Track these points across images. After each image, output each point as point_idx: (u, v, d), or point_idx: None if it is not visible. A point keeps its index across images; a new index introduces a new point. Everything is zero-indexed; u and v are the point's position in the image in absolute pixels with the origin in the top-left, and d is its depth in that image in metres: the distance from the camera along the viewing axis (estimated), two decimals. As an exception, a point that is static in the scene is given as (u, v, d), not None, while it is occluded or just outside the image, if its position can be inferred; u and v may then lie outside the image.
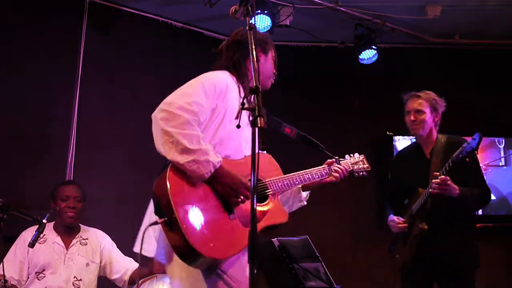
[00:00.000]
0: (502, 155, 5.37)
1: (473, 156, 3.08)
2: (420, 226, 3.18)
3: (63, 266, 3.40)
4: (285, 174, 2.47)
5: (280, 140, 2.66)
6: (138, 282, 3.35)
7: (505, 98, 5.41)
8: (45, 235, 3.35)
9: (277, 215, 2.35)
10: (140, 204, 2.37)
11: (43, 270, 3.36)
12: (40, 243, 3.30)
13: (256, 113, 1.75)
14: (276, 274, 3.66)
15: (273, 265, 3.61)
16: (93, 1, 4.69)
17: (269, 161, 2.44)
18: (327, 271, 3.47)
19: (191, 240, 1.97)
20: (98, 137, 4.54)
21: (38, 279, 3.34)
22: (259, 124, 1.74)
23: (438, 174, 3.08)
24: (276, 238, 3.50)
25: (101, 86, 4.68)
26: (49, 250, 3.41)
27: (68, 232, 3.53)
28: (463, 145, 3.04)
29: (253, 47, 1.94)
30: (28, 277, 3.36)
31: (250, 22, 1.98)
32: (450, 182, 3.05)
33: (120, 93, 4.74)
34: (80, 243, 3.52)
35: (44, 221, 3.06)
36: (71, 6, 4.60)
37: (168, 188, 2.02)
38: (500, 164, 5.37)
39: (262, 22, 4.53)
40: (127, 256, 3.61)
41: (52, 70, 4.38)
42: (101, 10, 4.72)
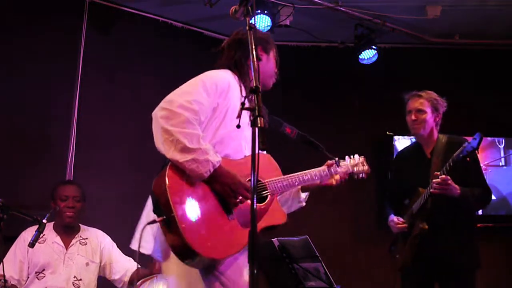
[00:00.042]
0: (502, 155, 5.36)
1: (473, 156, 3.08)
2: (421, 226, 3.18)
3: (63, 265, 3.40)
4: (284, 174, 2.45)
5: (280, 140, 2.66)
6: (138, 282, 3.35)
7: (505, 98, 5.41)
8: (44, 235, 3.34)
9: (276, 216, 2.34)
10: (140, 204, 2.36)
11: (43, 270, 3.36)
12: (40, 243, 3.29)
13: (256, 113, 1.75)
14: (276, 274, 3.66)
15: (273, 265, 3.61)
16: (93, 1, 4.68)
17: (269, 161, 2.43)
18: (327, 271, 3.47)
19: (189, 239, 1.96)
20: (98, 137, 4.54)
21: (38, 279, 3.34)
22: (259, 124, 1.73)
23: (438, 174, 3.08)
24: (276, 238, 3.50)
25: (101, 86, 4.68)
26: (49, 250, 3.41)
27: (68, 232, 3.53)
28: (463, 145, 3.03)
29: (253, 47, 1.93)
30: (28, 277, 3.36)
31: (250, 22, 1.98)
32: (450, 181, 3.04)
33: (120, 93, 4.74)
34: (80, 243, 3.52)
35: (44, 221, 3.06)
36: (71, 6, 4.60)
37: (167, 186, 2.01)
38: (500, 164, 5.36)
39: (262, 22, 4.53)
40: (127, 256, 3.61)
41: (52, 70, 4.38)
42: (101, 10, 4.72)
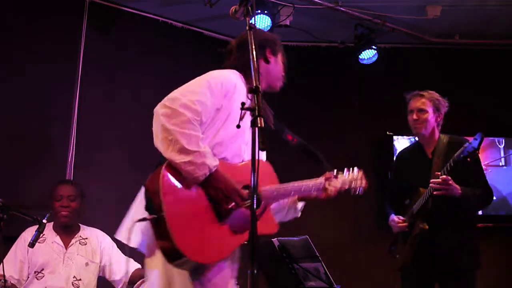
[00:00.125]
0: (502, 155, 5.36)
1: (474, 156, 3.07)
2: (421, 226, 3.18)
3: (62, 265, 3.39)
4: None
5: (280, 140, 2.66)
6: (137, 283, 3.35)
7: (505, 98, 5.41)
8: (44, 234, 3.34)
9: (267, 225, 2.30)
10: (140, 204, 2.35)
11: (42, 269, 3.36)
12: (39, 243, 3.29)
13: (256, 113, 1.74)
14: (276, 274, 3.66)
15: (273, 265, 3.61)
16: (93, 1, 4.68)
17: (267, 169, 2.38)
18: (327, 271, 3.47)
19: (177, 240, 1.94)
20: (98, 137, 4.54)
21: (37, 279, 3.34)
22: (259, 124, 1.73)
23: (439, 174, 3.07)
24: (276, 238, 3.50)
25: (101, 86, 4.67)
26: (48, 250, 3.41)
27: (67, 231, 3.53)
28: (464, 145, 3.03)
29: (253, 47, 1.92)
30: (28, 277, 3.36)
31: (250, 22, 1.97)
32: (451, 182, 3.04)
33: (120, 93, 4.74)
34: (80, 243, 3.52)
35: (44, 221, 3.06)
36: (71, 6, 4.59)
37: (161, 185, 1.99)
38: (500, 164, 5.36)
39: (262, 22, 4.53)
40: (128, 256, 3.60)
41: (52, 70, 4.38)
42: (101, 10, 4.72)
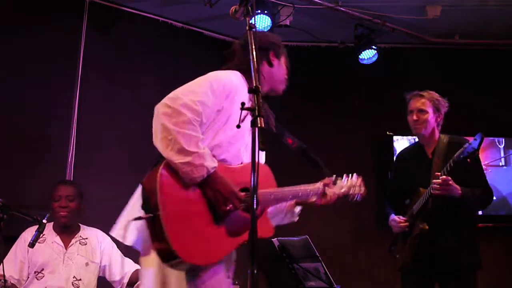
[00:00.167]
0: (502, 155, 5.36)
1: (474, 156, 3.06)
2: (421, 226, 3.17)
3: (62, 265, 3.39)
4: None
5: (280, 142, 2.65)
6: (137, 283, 3.35)
7: (505, 98, 5.41)
8: (44, 234, 3.34)
9: (263, 228, 2.26)
10: (140, 204, 2.35)
11: (42, 269, 3.36)
12: (39, 243, 3.29)
13: (256, 113, 1.74)
14: (276, 274, 3.65)
15: (273, 265, 3.61)
16: (93, 1, 4.68)
17: (266, 172, 2.36)
18: (327, 271, 3.46)
19: (172, 241, 1.92)
20: (98, 137, 4.53)
21: (37, 279, 3.34)
22: (259, 124, 1.72)
23: (439, 174, 3.07)
24: (276, 238, 3.50)
25: (101, 86, 4.67)
26: (48, 250, 3.41)
27: (67, 231, 3.53)
28: (464, 146, 3.02)
29: (253, 47, 1.92)
30: (28, 277, 3.36)
31: (250, 22, 1.97)
32: (451, 182, 3.04)
33: (120, 93, 4.74)
34: (80, 243, 3.52)
35: (44, 221, 3.06)
36: (71, 6, 4.59)
37: (158, 184, 1.97)
38: (500, 164, 5.36)
39: (262, 22, 4.53)
40: (126, 256, 3.60)
41: (52, 70, 4.38)
42: (101, 10, 4.72)
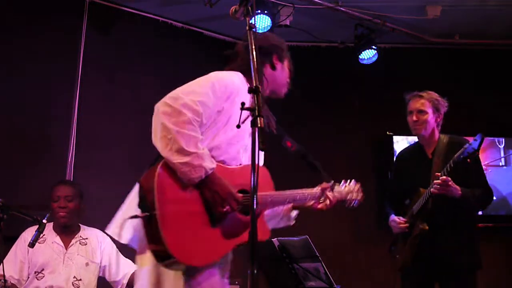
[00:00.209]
0: (502, 155, 5.36)
1: (474, 156, 3.06)
2: (421, 226, 3.17)
3: (62, 265, 3.40)
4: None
5: (279, 143, 2.65)
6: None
7: (505, 98, 5.41)
8: (44, 235, 3.34)
9: (260, 231, 2.22)
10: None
11: (42, 269, 3.36)
12: (39, 243, 3.30)
13: (256, 113, 1.73)
14: (276, 274, 3.65)
15: (273, 265, 3.61)
16: (93, 1, 4.68)
17: (264, 175, 2.35)
18: (327, 271, 3.46)
19: (167, 241, 1.92)
20: (98, 137, 4.53)
21: (38, 279, 3.34)
22: (259, 124, 1.72)
23: (439, 175, 3.07)
24: (276, 238, 3.50)
25: (101, 86, 4.67)
26: (48, 250, 3.41)
27: (67, 232, 3.53)
28: (464, 146, 3.02)
29: (253, 47, 1.91)
30: (28, 277, 3.36)
31: (250, 22, 1.97)
32: (451, 183, 3.03)
33: (120, 93, 4.74)
34: (80, 243, 3.52)
35: (44, 221, 3.06)
36: (71, 6, 4.59)
37: (156, 183, 1.97)
38: (500, 164, 5.36)
39: (262, 22, 4.53)
40: (126, 257, 3.60)
41: (52, 70, 4.38)
42: (101, 10, 4.72)
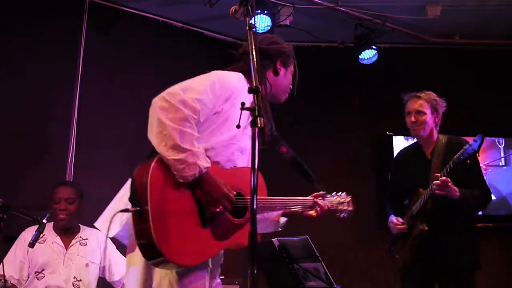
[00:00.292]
0: (502, 155, 5.36)
1: (474, 157, 3.07)
2: (420, 227, 3.17)
3: (63, 266, 3.40)
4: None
5: (273, 148, 2.64)
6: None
7: (505, 98, 5.41)
8: (44, 235, 3.34)
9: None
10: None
11: (42, 269, 3.36)
12: (40, 243, 3.30)
13: (256, 113, 1.73)
14: (276, 274, 3.65)
15: (273, 265, 3.61)
16: (93, 1, 4.69)
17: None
18: (327, 271, 3.46)
19: (156, 237, 1.89)
20: (98, 137, 4.54)
21: (38, 279, 3.34)
22: (259, 124, 1.71)
23: (439, 175, 3.07)
24: (276, 238, 3.50)
25: (101, 86, 4.68)
26: (49, 250, 3.41)
27: (67, 232, 3.53)
28: (464, 147, 3.01)
29: (253, 47, 1.91)
30: (28, 277, 3.36)
31: (250, 22, 1.96)
32: (450, 184, 3.03)
33: (120, 93, 4.74)
34: (80, 244, 3.52)
35: (44, 221, 3.05)
36: (71, 6, 4.60)
37: (149, 179, 1.95)
38: (500, 164, 5.36)
39: (262, 22, 4.53)
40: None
41: (52, 70, 4.38)
42: (101, 10, 4.72)
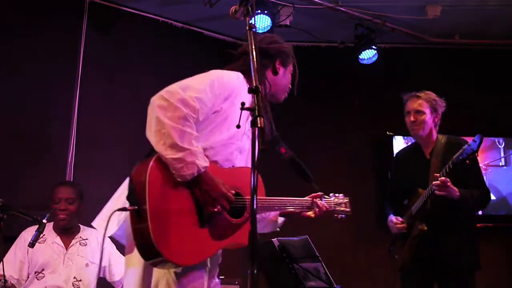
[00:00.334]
0: (502, 155, 5.36)
1: (473, 157, 3.07)
2: (420, 227, 3.17)
3: (62, 266, 3.40)
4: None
5: (272, 148, 2.64)
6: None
7: (505, 98, 5.41)
8: (44, 235, 3.34)
9: (247, 236, 2.28)
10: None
11: (42, 269, 3.36)
12: (40, 243, 3.30)
13: (256, 113, 1.73)
14: (276, 274, 3.65)
15: (273, 265, 3.60)
16: (93, 1, 4.69)
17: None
18: (327, 271, 3.46)
19: (154, 237, 1.89)
20: (98, 137, 4.54)
21: (38, 279, 3.34)
22: (259, 124, 1.71)
23: (438, 176, 3.07)
24: (276, 238, 3.50)
25: (101, 86, 4.68)
26: (49, 250, 3.41)
27: (68, 232, 3.53)
28: (463, 147, 3.01)
29: (253, 47, 1.90)
30: (28, 277, 3.36)
31: (250, 22, 1.96)
32: (450, 184, 3.03)
33: (120, 93, 4.74)
34: (80, 244, 3.52)
35: (44, 221, 3.05)
36: (71, 6, 4.60)
37: (148, 178, 1.94)
38: (500, 164, 5.36)
39: (262, 22, 4.53)
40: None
41: (52, 70, 4.39)
42: (101, 10, 4.72)
